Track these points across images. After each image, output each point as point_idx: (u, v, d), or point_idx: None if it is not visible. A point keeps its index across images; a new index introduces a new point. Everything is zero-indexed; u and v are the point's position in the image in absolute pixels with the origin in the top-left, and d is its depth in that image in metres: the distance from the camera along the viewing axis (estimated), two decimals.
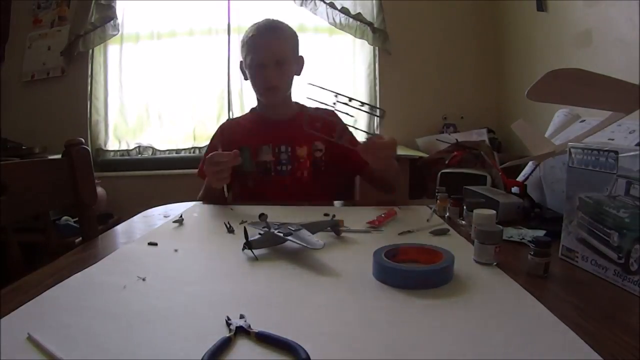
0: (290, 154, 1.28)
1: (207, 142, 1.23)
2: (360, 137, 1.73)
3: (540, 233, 0.80)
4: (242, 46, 1.28)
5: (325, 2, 2.68)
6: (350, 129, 1.35)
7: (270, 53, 1.22)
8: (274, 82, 1.24)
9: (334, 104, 1.07)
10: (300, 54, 1.33)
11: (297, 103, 1.38)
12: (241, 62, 1.31)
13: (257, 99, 1.34)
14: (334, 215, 0.87)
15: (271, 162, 1.28)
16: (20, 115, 2.79)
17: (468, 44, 2.82)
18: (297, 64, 1.31)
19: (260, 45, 1.23)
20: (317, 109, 1.35)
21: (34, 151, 2.55)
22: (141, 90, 2.86)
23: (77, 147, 1.05)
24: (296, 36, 1.32)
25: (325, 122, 1.26)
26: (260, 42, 1.23)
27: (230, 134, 1.36)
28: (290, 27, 1.31)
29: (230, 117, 2.82)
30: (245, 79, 1.31)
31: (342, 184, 1.45)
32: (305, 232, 0.76)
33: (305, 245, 0.71)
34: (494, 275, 0.64)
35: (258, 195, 1.27)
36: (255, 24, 1.27)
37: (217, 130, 1.40)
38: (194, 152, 2.88)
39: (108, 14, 2.70)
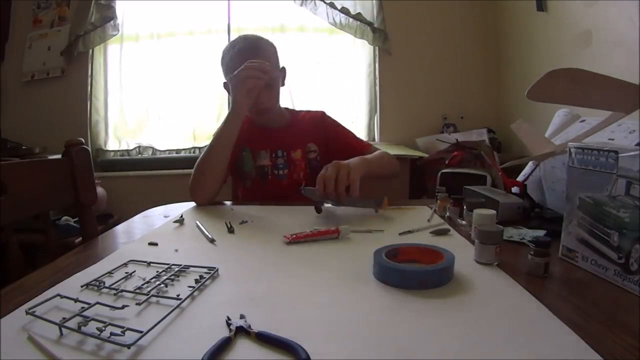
0: (287, 158, 1.31)
1: (207, 142, 1.23)
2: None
3: (540, 233, 0.80)
4: (225, 70, 1.26)
5: (325, 2, 2.68)
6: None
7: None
8: (265, 105, 1.25)
9: None
10: (281, 64, 1.32)
11: (287, 109, 1.41)
12: (225, 82, 1.27)
13: None
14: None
15: (269, 167, 1.31)
16: (20, 115, 2.79)
17: (468, 44, 2.82)
18: (282, 77, 1.32)
19: None
20: (307, 111, 1.41)
21: (34, 151, 2.55)
22: (141, 90, 2.86)
23: (77, 147, 1.05)
24: (275, 49, 1.30)
25: (318, 123, 1.35)
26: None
27: None
28: (268, 43, 1.28)
29: None
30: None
31: None
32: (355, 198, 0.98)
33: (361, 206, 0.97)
34: (494, 275, 0.64)
35: (258, 198, 1.29)
36: (234, 45, 1.24)
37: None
38: (194, 152, 2.88)
39: (108, 14, 2.70)
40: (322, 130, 1.36)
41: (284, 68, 1.33)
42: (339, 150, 1.29)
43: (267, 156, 1.31)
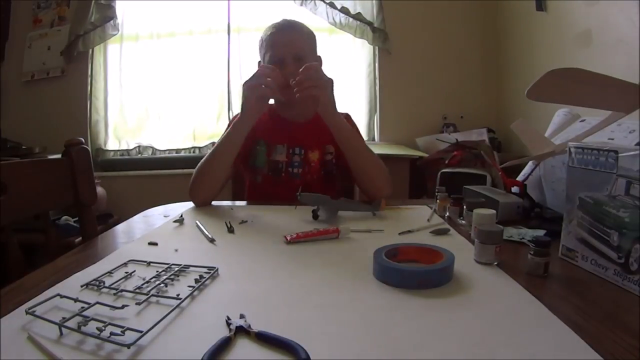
0: (303, 157, 1.28)
1: (208, 142, 1.22)
2: None
3: (540, 233, 0.80)
4: (261, 45, 1.27)
5: (325, 2, 2.68)
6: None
7: (289, 48, 1.21)
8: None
9: None
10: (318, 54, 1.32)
11: None
12: (259, 62, 1.28)
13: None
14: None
15: (284, 163, 1.27)
16: (20, 115, 2.79)
17: (468, 43, 2.82)
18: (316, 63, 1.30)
19: (279, 42, 1.22)
20: None
21: (34, 151, 2.55)
22: (141, 90, 2.87)
23: (77, 147, 1.05)
24: (314, 36, 1.32)
25: None
26: (279, 38, 1.23)
27: None
28: (308, 27, 1.31)
29: (230, 117, 2.82)
30: None
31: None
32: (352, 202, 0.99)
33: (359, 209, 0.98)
34: (494, 275, 0.64)
35: (268, 195, 1.26)
36: (274, 23, 1.27)
37: (234, 117, 1.32)
38: (194, 152, 2.88)
39: (108, 13, 2.70)
40: None
41: (320, 57, 1.31)
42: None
43: (283, 151, 1.27)
